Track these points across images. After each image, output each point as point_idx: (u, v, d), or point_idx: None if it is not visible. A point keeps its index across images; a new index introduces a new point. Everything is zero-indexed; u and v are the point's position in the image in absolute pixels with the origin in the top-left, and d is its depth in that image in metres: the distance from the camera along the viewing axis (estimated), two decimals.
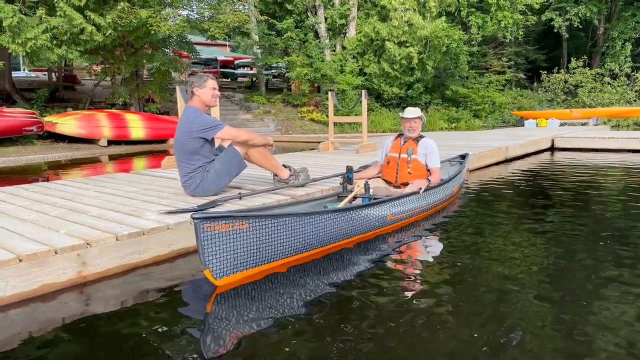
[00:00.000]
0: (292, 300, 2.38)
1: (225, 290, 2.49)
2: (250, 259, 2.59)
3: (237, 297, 2.44)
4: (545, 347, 1.88)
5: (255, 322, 2.16)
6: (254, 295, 2.46)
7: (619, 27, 22.20)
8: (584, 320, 2.11)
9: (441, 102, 19.31)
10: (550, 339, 1.95)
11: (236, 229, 2.49)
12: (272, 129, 15.83)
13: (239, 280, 2.56)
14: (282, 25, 17.34)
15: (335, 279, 2.66)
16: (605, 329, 2.03)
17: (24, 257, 2.36)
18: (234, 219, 2.48)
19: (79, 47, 11.33)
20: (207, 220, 2.39)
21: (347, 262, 2.93)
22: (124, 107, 13.93)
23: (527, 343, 1.91)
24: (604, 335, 1.98)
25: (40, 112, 12.22)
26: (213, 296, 2.44)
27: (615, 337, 1.95)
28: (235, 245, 2.51)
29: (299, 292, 2.48)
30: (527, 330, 2.02)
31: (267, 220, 2.61)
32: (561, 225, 3.82)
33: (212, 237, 2.42)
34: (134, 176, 5.14)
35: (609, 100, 20.11)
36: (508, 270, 2.77)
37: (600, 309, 2.23)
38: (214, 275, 2.47)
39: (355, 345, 1.91)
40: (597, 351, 1.86)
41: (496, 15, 18.80)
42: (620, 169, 7.05)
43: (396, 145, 4.33)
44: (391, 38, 16.64)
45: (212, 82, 3.78)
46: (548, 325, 2.07)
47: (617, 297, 2.35)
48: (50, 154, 10.23)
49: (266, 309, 2.29)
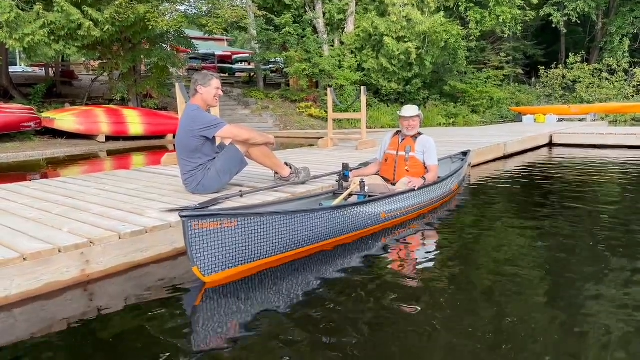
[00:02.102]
0: (283, 297, 2.41)
1: (217, 287, 2.51)
2: (239, 257, 2.61)
3: (233, 294, 2.47)
4: (543, 344, 1.91)
5: (247, 319, 2.18)
6: (245, 292, 2.49)
7: (617, 23, 22.22)
8: (582, 316, 2.14)
9: (439, 98, 19.32)
10: (548, 336, 1.98)
11: (224, 227, 2.51)
12: (271, 125, 15.82)
13: (228, 278, 2.59)
14: (280, 20, 17.29)
15: (326, 277, 2.68)
16: (602, 323, 2.06)
17: (28, 255, 2.37)
18: (222, 217, 2.50)
19: (77, 43, 11.28)
20: (195, 219, 2.42)
21: (339, 260, 2.96)
22: (121, 102, 13.90)
23: (524, 339, 1.94)
24: (600, 329, 2.01)
25: (38, 108, 12.18)
26: (203, 293, 2.47)
27: (611, 332, 1.98)
28: (224, 242, 2.53)
29: (290, 290, 2.51)
30: (524, 326, 2.04)
31: (256, 218, 2.63)
32: (559, 222, 3.85)
33: (200, 235, 2.44)
34: (135, 173, 5.15)
35: (607, 95, 20.17)
36: (505, 267, 2.80)
37: (598, 304, 2.26)
38: (202, 272, 2.50)
39: (347, 343, 1.94)
40: (593, 345, 1.89)
41: (494, 11, 18.78)
42: (617, 165, 7.09)
43: (394, 143, 4.34)
44: (389, 33, 16.62)
45: (216, 82, 3.78)
46: (545, 322, 2.10)
47: (614, 293, 2.38)
48: (48, 150, 10.22)
49: (257, 305, 2.32)
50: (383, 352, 1.87)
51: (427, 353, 1.90)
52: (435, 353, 1.89)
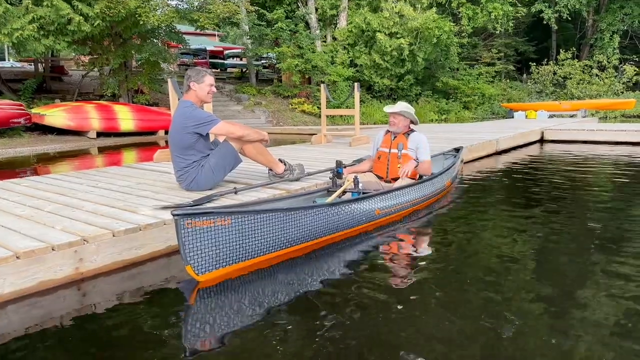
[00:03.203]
0: (277, 295, 2.41)
1: (210, 286, 2.51)
2: (233, 255, 2.60)
3: (227, 292, 2.47)
4: (533, 337, 1.93)
5: (241, 317, 2.18)
6: (239, 291, 2.49)
7: (607, 19, 22.38)
8: (573, 308, 2.17)
9: (431, 94, 19.36)
10: (537, 329, 2.00)
11: (218, 225, 2.49)
12: (263, 121, 15.77)
13: (222, 276, 2.58)
14: (272, 16, 17.21)
15: (321, 274, 2.69)
16: (591, 317, 2.08)
17: (21, 254, 2.35)
18: (215, 215, 2.48)
19: (67, 38, 11.16)
20: (188, 217, 2.39)
21: (333, 257, 2.96)
22: (112, 98, 13.78)
23: (515, 333, 1.96)
24: (589, 324, 2.03)
25: (28, 104, 12.05)
26: (197, 292, 2.46)
27: (600, 326, 2.01)
28: (218, 241, 2.51)
29: (284, 287, 2.51)
30: (515, 321, 2.06)
31: (250, 216, 2.61)
32: (550, 217, 3.89)
33: (193, 234, 2.42)
34: (127, 170, 5.11)
35: (597, 92, 20.33)
36: (496, 263, 2.83)
37: (586, 298, 2.29)
38: (196, 271, 2.48)
39: (342, 339, 1.94)
40: (583, 339, 1.91)
41: (486, 7, 18.84)
42: (607, 161, 7.16)
43: (387, 140, 4.34)
44: (382, 29, 16.61)
45: (209, 79, 3.75)
46: (536, 316, 2.13)
47: (603, 286, 2.42)
48: (38, 146, 10.12)
49: (252, 304, 2.32)
50: (379, 347, 1.88)
51: (421, 345, 1.91)
52: (428, 345, 1.91)
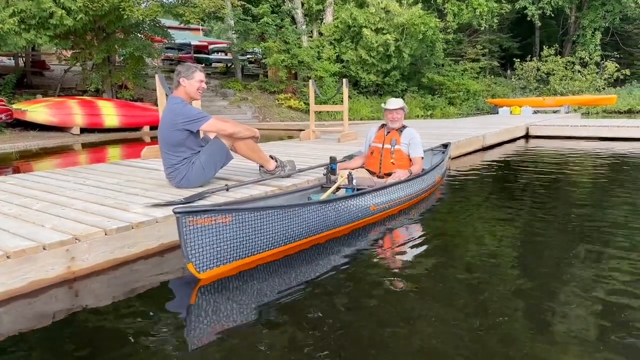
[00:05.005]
0: (276, 292, 2.41)
1: (210, 283, 2.49)
2: (233, 252, 2.60)
3: (223, 290, 2.46)
4: (519, 328, 1.97)
5: (240, 314, 2.18)
6: (239, 287, 2.48)
7: (589, 16, 22.72)
8: (558, 302, 2.22)
9: (417, 90, 19.46)
10: (525, 321, 2.04)
11: (219, 223, 2.49)
12: (250, 116, 15.68)
13: (223, 273, 2.57)
14: (258, 10, 17.10)
15: (319, 270, 2.70)
16: (574, 310, 2.13)
17: (12, 253, 2.31)
18: (216, 213, 2.47)
19: (49, 32, 10.94)
20: (189, 215, 2.38)
21: (331, 253, 2.97)
22: (96, 93, 13.56)
23: (504, 326, 2.01)
24: (572, 315, 2.08)
25: (9, 99, 11.79)
26: (198, 289, 2.44)
27: (582, 318, 2.06)
28: (218, 238, 2.51)
29: (283, 284, 2.52)
30: (503, 314, 2.11)
31: (249, 213, 2.61)
32: (536, 211, 4.00)
33: (194, 231, 2.41)
34: (114, 167, 5.04)
35: (579, 88, 20.67)
36: (486, 257, 2.89)
37: (570, 289, 2.36)
38: (197, 269, 2.47)
39: (340, 335, 1.95)
40: (565, 330, 1.95)
41: (471, 3, 18.97)
42: (590, 156, 7.30)
43: (380, 136, 4.37)
44: (368, 25, 16.63)
45: (199, 75, 3.71)
46: (523, 309, 2.18)
47: (587, 279, 2.51)
48: (20, 142, 9.92)
49: (251, 300, 2.32)
50: (376, 341, 1.89)
51: (416, 339, 1.93)
52: (423, 340, 1.93)
